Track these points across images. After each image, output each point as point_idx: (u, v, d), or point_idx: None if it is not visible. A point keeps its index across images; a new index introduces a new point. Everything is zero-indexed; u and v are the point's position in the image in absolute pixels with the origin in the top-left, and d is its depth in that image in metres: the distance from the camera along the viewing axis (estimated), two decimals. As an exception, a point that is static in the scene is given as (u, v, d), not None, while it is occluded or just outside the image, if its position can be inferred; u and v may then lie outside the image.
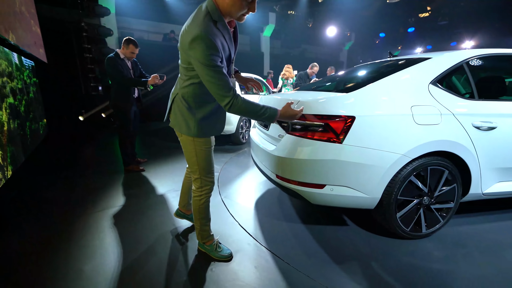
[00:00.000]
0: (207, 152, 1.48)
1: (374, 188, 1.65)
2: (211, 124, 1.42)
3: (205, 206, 1.60)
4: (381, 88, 1.71)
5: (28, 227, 2.04)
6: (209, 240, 1.66)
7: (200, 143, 1.44)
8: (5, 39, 3.00)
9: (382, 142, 1.59)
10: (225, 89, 1.18)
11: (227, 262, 1.61)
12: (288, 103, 1.35)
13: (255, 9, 1.17)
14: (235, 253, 1.70)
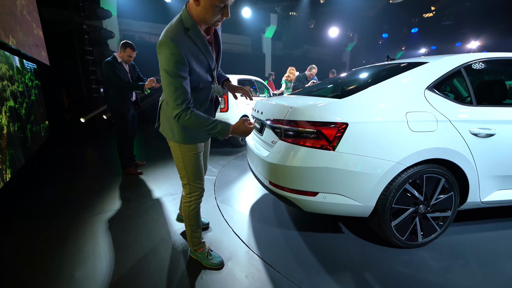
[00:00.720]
0: (194, 159, 1.46)
1: (367, 196, 1.62)
2: (195, 132, 1.38)
3: (195, 213, 1.58)
4: (375, 94, 1.68)
5: (23, 230, 2.04)
6: (200, 247, 1.65)
7: (186, 149, 1.43)
8: (5, 43, 3.03)
9: (376, 150, 1.56)
10: (177, 100, 1.17)
11: (218, 270, 1.60)
12: (242, 119, 1.31)
13: (228, 14, 1.17)
14: (227, 260, 1.68)
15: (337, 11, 9.90)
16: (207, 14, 1.14)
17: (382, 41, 13.11)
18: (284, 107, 1.75)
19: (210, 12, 1.12)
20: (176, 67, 1.13)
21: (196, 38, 1.19)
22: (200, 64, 1.24)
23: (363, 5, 9.73)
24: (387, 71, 1.94)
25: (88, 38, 6.22)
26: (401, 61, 2.20)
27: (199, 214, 1.62)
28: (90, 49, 6.29)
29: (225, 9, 1.14)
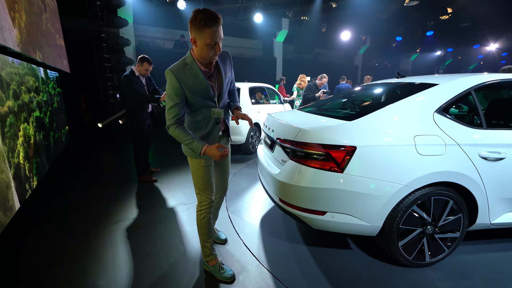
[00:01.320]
0: (202, 171, 1.64)
1: (375, 217, 1.66)
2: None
3: (205, 221, 1.70)
4: (384, 116, 1.72)
5: (47, 238, 2.21)
6: (212, 260, 1.76)
7: (195, 162, 1.63)
8: (33, 58, 3.24)
9: (383, 172, 1.60)
10: (169, 115, 1.46)
11: (229, 283, 1.69)
12: (218, 145, 1.45)
13: (220, 49, 1.41)
14: (238, 274, 1.77)
15: (349, 14, 9.82)
16: (203, 52, 1.40)
17: (395, 44, 12.88)
18: (294, 128, 1.82)
19: (205, 50, 1.38)
20: (172, 91, 1.44)
21: (193, 71, 1.46)
22: (196, 92, 1.49)
23: (377, 8, 9.61)
24: (397, 92, 1.97)
25: (105, 45, 6.48)
26: (411, 79, 2.22)
27: (210, 224, 1.72)
28: (107, 56, 6.55)
29: (216, 45, 1.38)
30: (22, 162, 2.66)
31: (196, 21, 1.31)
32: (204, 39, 1.33)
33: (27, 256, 1.99)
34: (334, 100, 2.75)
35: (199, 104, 1.52)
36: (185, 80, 1.44)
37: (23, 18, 2.90)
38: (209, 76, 1.53)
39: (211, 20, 1.30)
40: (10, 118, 2.50)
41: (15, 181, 2.42)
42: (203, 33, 1.32)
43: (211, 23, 1.30)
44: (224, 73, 1.58)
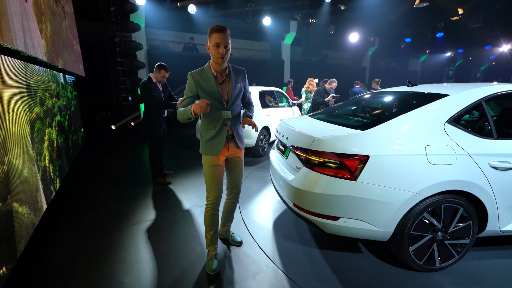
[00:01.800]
0: (209, 170, 1.90)
1: (387, 223, 1.73)
2: (210, 146, 1.86)
3: (208, 216, 1.94)
4: (396, 127, 1.79)
5: (69, 239, 2.34)
6: (210, 250, 1.97)
7: (205, 160, 1.90)
8: (56, 65, 3.41)
9: (395, 181, 1.68)
10: (182, 104, 1.84)
11: (211, 275, 1.86)
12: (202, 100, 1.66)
13: (222, 50, 1.68)
14: (255, 274, 1.87)
15: (358, 16, 9.82)
16: (213, 53, 1.71)
17: (404, 45, 12.78)
18: (308, 137, 1.91)
19: (212, 52, 1.71)
20: (188, 88, 1.81)
21: (207, 75, 1.79)
22: (207, 92, 1.78)
23: (386, 10, 9.58)
24: (408, 101, 2.04)
25: (119, 50, 6.67)
26: (422, 88, 2.28)
27: (212, 219, 1.94)
28: (120, 60, 6.74)
29: (219, 47, 1.67)
30: (47, 165, 2.82)
31: (209, 31, 1.69)
32: (212, 42, 1.67)
33: (53, 256, 2.12)
34: (344, 107, 2.82)
35: (210, 105, 1.71)
36: (199, 81, 1.78)
37: (48, 29, 3.06)
38: (221, 82, 1.81)
39: (219, 27, 1.67)
40: (37, 123, 2.66)
41: (42, 183, 2.58)
42: (211, 36, 1.68)
43: (217, 30, 1.66)
44: (235, 82, 1.85)
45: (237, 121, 1.93)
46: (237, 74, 1.88)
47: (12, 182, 1.91)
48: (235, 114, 1.89)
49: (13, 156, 1.97)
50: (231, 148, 1.93)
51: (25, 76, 2.47)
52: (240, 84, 1.88)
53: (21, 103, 2.28)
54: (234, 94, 1.84)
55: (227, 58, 1.73)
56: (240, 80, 1.88)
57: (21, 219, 2.00)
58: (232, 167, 2.03)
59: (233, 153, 1.97)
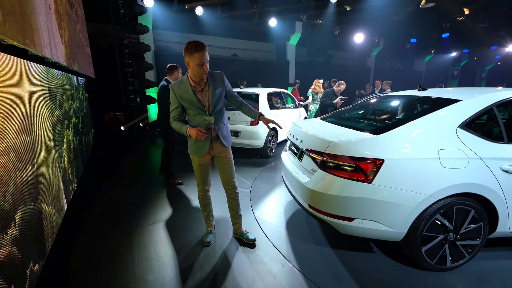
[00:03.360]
0: (196, 167, 2.17)
1: (400, 224, 1.80)
2: (196, 148, 2.06)
3: (201, 200, 2.29)
4: (409, 131, 1.86)
5: (91, 238, 2.44)
6: (207, 226, 2.40)
7: (192, 159, 2.15)
8: (71, 69, 3.50)
9: (409, 183, 1.74)
10: (171, 115, 2.03)
11: (205, 246, 2.25)
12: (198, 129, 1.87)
13: (207, 68, 1.83)
14: (273, 274, 1.94)
15: (363, 17, 9.84)
16: (194, 71, 1.84)
17: (409, 45, 12.77)
18: (324, 140, 1.98)
19: (195, 70, 1.82)
20: (171, 100, 1.98)
21: (186, 86, 1.92)
22: (187, 101, 1.93)
23: (392, 10, 9.59)
24: (421, 106, 2.09)
25: (127, 51, 6.78)
26: (432, 93, 2.33)
27: (203, 201, 2.29)
28: (129, 61, 6.84)
29: (203, 65, 1.80)
30: (66, 166, 2.91)
31: (188, 49, 1.76)
32: (194, 61, 1.77)
33: (79, 254, 2.22)
34: (356, 110, 2.88)
35: (193, 112, 1.98)
36: (178, 92, 1.93)
37: (66, 33, 3.16)
38: (200, 90, 1.95)
39: (199, 46, 1.75)
40: (58, 126, 2.76)
41: (63, 184, 2.67)
42: (193, 56, 1.76)
43: (199, 49, 1.74)
44: (214, 88, 1.97)
45: (221, 122, 2.08)
46: (215, 79, 2.00)
47: (40, 183, 2.00)
48: (219, 117, 2.05)
49: (41, 159, 2.07)
50: (216, 148, 2.11)
51: (48, 80, 2.56)
52: (219, 89, 2.00)
53: (45, 107, 2.38)
54: (215, 100, 1.98)
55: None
56: (219, 85, 2.00)
57: (48, 218, 2.10)
58: (220, 165, 2.18)
59: (218, 152, 2.13)
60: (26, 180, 1.71)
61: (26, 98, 1.88)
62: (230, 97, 2.13)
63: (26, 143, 1.77)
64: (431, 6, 9.46)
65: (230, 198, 2.27)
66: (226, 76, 2.09)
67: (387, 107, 2.54)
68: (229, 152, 2.18)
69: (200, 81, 1.93)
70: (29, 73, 2.01)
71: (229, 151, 2.18)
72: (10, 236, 1.40)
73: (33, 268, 1.67)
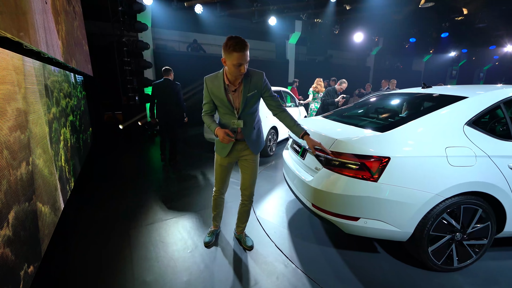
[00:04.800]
0: (216, 166, 2.08)
1: (406, 223, 1.76)
2: (219, 147, 1.99)
3: (214, 199, 2.22)
4: (415, 129, 1.81)
5: (88, 238, 2.38)
6: (212, 226, 2.34)
7: (215, 156, 2.06)
8: (68, 66, 3.44)
9: (416, 182, 1.70)
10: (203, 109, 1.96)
11: (206, 247, 2.19)
12: (225, 131, 1.77)
13: (244, 69, 1.67)
14: (276, 274, 1.89)
15: (363, 16, 9.81)
16: (230, 70, 1.70)
17: (408, 45, 12.76)
18: (328, 138, 1.93)
19: (231, 69, 1.67)
20: (204, 93, 1.90)
21: (219, 82, 1.81)
22: (217, 99, 1.84)
23: (391, 10, 9.56)
24: (426, 103, 2.05)
25: (126, 49, 6.70)
26: (438, 90, 2.29)
27: (215, 202, 2.22)
28: (128, 60, 6.76)
29: (241, 66, 1.65)
30: (63, 165, 2.85)
31: (226, 46, 1.61)
32: (232, 61, 1.62)
33: (76, 255, 2.16)
34: (359, 108, 2.84)
35: (222, 110, 1.88)
36: (211, 87, 1.84)
37: (63, 29, 3.10)
38: (233, 90, 1.81)
39: (239, 46, 1.58)
40: (54, 123, 2.69)
41: (60, 183, 2.61)
42: (231, 55, 1.60)
43: (238, 49, 1.58)
44: (247, 91, 1.80)
45: (251, 126, 1.91)
46: (251, 80, 1.79)
47: (36, 182, 1.94)
48: (249, 120, 1.89)
49: (36, 156, 2.01)
50: (239, 151, 1.97)
51: (44, 76, 2.50)
52: (254, 92, 1.80)
53: (41, 104, 2.31)
54: (245, 103, 1.82)
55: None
56: (255, 88, 1.80)
57: (44, 218, 2.03)
58: (243, 168, 2.06)
59: (242, 155, 1.99)
60: (21, 179, 1.65)
61: (21, 93, 1.82)
62: (269, 102, 1.89)
63: (20, 140, 1.71)
64: (431, 6, 9.45)
65: (243, 204, 2.17)
66: None
67: (391, 105, 2.50)
68: (255, 157, 2.02)
69: (235, 80, 1.78)
70: (24, 68, 1.95)
71: (256, 156, 2.03)
72: (3, 236, 1.34)
73: (27, 270, 1.61)
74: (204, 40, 9.36)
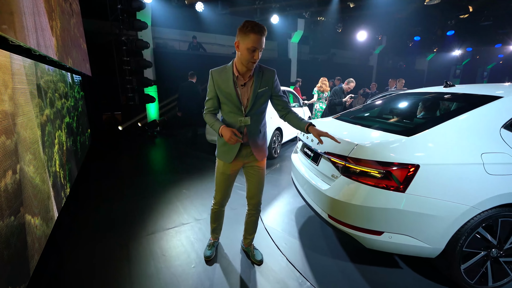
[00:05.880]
0: (218, 175, 1.85)
1: (437, 239, 1.57)
2: (223, 152, 1.78)
3: (213, 212, 2.00)
4: (445, 132, 1.63)
5: (84, 252, 2.19)
6: (211, 237, 2.14)
7: (217, 163, 1.84)
8: (64, 65, 3.25)
9: (449, 193, 1.51)
10: (205, 106, 1.76)
11: (206, 262, 2.00)
12: (232, 130, 1.58)
13: (258, 56, 1.51)
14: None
15: (367, 14, 9.62)
16: (243, 56, 1.52)
17: (412, 44, 12.56)
18: (347, 143, 1.74)
19: (244, 54, 1.50)
20: (209, 88, 1.70)
21: (227, 74, 1.63)
22: (224, 94, 1.65)
23: (396, 8, 9.36)
24: (454, 104, 1.87)
25: (126, 48, 6.51)
26: (463, 89, 2.10)
27: (215, 215, 2.01)
28: (127, 59, 6.58)
29: (255, 52, 1.49)
30: (58, 170, 2.67)
31: (244, 27, 1.46)
32: (247, 43, 1.46)
33: (69, 269, 1.98)
34: (376, 108, 2.65)
35: (228, 108, 1.68)
36: (218, 81, 1.65)
37: (58, 26, 2.91)
38: (243, 84, 1.64)
39: (258, 28, 1.45)
40: (48, 126, 2.51)
41: (54, 190, 2.43)
42: (247, 37, 1.46)
43: (257, 30, 1.45)
44: (257, 86, 1.64)
45: (257, 128, 1.73)
46: (262, 76, 1.65)
47: (24, 192, 1.76)
48: (256, 121, 1.71)
49: (25, 163, 1.82)
50: (246, 156, 1.77)
51: (36, 76, 2.31)
52: (264, 89, 1.66)
53: (32, 105, 2.13)
54: (254, 100, 1.64)
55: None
56: (266, 84, 1.66)
57: (34, 231, 1.85)
58: (249, 175, 1.86)
59: (249, 162, 1.80)
60: (5, 190, 1.47)
61: (6, 94, 1.63)
62: (277, 101, 1.75)
63: (5, 146, 1.53)
64: (436, 3, 9.26)
65: (250, 214, 1.99)
66: None
67: (412, 106, 2.30)
68: (263, 163, 1.86)
69: (245, 72, 1.62)
70: (12, 66, 1.76)
71: (263, 162, 1.87)
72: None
73: (12, 293, 1.43)
74: (205, 39, 9.16)
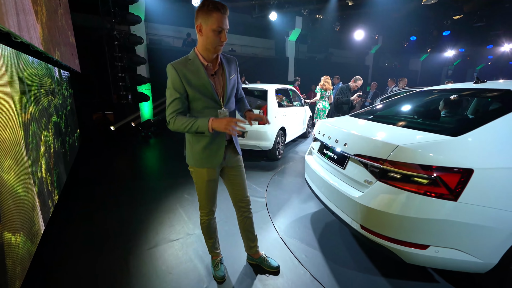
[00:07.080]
0: (203, 185, 1.59)
1: (490, 253, 1.38)
2: (207, 157, 1.53)
3: (204, 226, 1.74)
4: (499, 131, 1.43)
5: (75, 269, 1.90)
6: (213, 256, 1.85)
7: (197, 174, 1.58)
8: (52, 57, 2.93)
9: (507, 201, 1.32)
10: (168, 110, 1.43)
11: (219, 283, 1.73)
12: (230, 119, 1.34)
13: (225, 37, 1.35)
14: (318, 318, 1.48)
15: (364, 13, 9.54)
16: (208, 40, 1.33)
17: (407, 44, 12.61)
18: (386, 144, 1.53)
19: (210, 37, 1.32)
20: (172, 86, 1.40)
21: (195, 65, 1.40)
22: (197, 88, 1.41)
23: (393, 7, 9.31)
24: (498, 100, 1.68)
25: (117, 44, 6.15)
26: (499, 85, 1.93)
27: (209, 228, 1.74)
28: (119, 55, 6.22)
29: (222, 33, 1.33)
30: (44, 176, 2.36)
31: (204, 6, 1.29)
32: (211, 24, 1.29)
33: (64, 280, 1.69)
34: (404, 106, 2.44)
35: (201, 103, 1.45)
36: (185, 74, 1.39)
37: (44, 13, 2.59)
38: (213, 74, 1.47)
39: (220, 5, 1.29)
40: (32, 126, 2.20)
41: (40, 199, 2.12)
42: (210, 17, 1.28)
43: (220, 8, 1.28)
44: (229, 74, 1.52)
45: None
46: (229, 64, 1.55)
47: (4, 205, 1.46)
48: (232, 113, 1.59)
49: (3, 170, 1.53)
50: (229, 155, 1.61)
51: (18, 67, 2.00)
52: (234, 76, 1.56)
53: (13, 101, 1.83)
54: (230, 88, 1.52)
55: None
56: (233, 72, 1.56)
57: (15, 252, 1.56)
58: (232, 178, 1.67)
59: (231, 162, 1.62)
60: (-23, 204, 1.18)
61: (-21, 86, 1.34)
62: (237, 90, 1.66)
63: (-22, 151, 1.24)
64: (433, 3, 9.26)
65: (243, 217, 1.77)
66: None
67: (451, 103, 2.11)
68: (242, 160, 1.71)
69: (214, 60, 1.45)
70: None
71: (241, 158, 1.71)
72: None
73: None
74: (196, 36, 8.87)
